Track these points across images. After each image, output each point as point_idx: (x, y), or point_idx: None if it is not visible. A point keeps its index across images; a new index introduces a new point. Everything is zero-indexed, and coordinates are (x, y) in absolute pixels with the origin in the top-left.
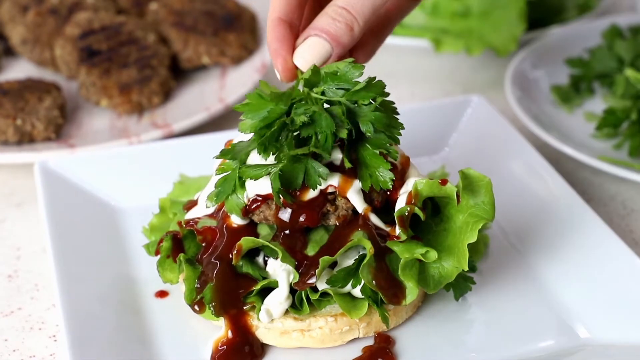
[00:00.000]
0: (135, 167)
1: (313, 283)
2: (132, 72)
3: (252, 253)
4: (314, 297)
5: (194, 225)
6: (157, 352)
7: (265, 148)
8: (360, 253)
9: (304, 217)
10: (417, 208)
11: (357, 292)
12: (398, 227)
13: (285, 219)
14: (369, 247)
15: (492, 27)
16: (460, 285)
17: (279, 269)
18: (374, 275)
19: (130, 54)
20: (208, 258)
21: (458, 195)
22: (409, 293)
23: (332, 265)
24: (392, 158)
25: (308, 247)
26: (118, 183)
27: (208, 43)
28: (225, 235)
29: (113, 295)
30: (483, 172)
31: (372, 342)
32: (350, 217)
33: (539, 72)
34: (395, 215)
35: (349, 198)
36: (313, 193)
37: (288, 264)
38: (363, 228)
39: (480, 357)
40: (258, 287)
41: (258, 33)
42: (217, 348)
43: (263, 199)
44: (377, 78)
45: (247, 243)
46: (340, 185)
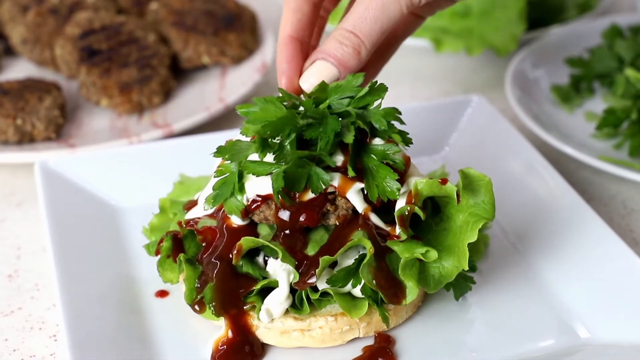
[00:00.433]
0: (136, 167)
1: (313, 283)
2: (132, 71)
3: (252, 253)
4: (314, 296)
5: (194, 225)
6: (157, 351)
7: (266, 145)
8: (361, 253)
9: (304, 216)
10: (417, 208)
11: (357, 291)
12: (398, 226)
13: (285, 219)
14: (369, 246)
15: (492, 26)
16: (461, 285)
17: (279, 269)
18: (374, 275)
19: (131, 54)
20: (208, 258)
21: (458, 195)
22: (409, 293)
23: (332, 265)
24: (398, 167)
25: (308, 246)
26: (118, 183)
27: (208, 43)
28: (226, 235)
29: (113, 295)
30: (483, 171)
31: (372, 341)
32: (350, 216)
33: (539, 71)
34: (396, 215)
35: (349, 198)
36: (313, 193)
37: (288, 264)
38: (363, 228)
39: (481, 356)
40: (258, 286)
41: (258, 33)
42: (217, 348)
43: (263, 199)
44: (378, 81)
45: (247, 243)
46: (341, 186)
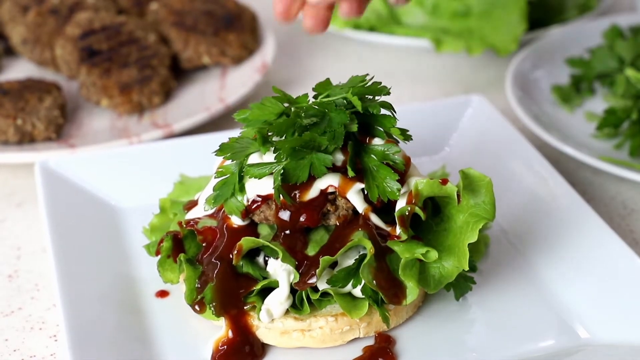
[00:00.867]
0: (136, 167)
1: (313, 283)
2: (132, 72)
3: (252, 253)
4: (315, 297)
5: (195, 226)
6: (157, 352)
7: (267, 141)
8: (361, 253)
9: (305, 217)
10: (417, 208)
11: (357, 292)
12: (398, 226)
13: (286, 219)
14: (370, 247)
15: (492, 27)
16: (461, 285)
17: (280, 269)
18: (375, 275)
19: (131, 54)
20: (208, 258)
21: (458, 195)
22: (410, 293)
23: (332, 265)
24: (398, 168)
25: (308, 247)
26: (118, 183)
27: (208, 43)
28: (226, 236)
29: (113, 295)
30: (483, 172)
31: (372, 341)
32: (351, 217)
33: (540, 72)
34: (396, 215)
35: (349, 198)
36: (313, 193)
37: (288, 264)
38: (363, 228)
39: (481, 356)
40: (258, 287)
41: (258, 33)
42: (217, 348)
43: (263, 199)
44: (376, 79)
45: (247, 243)
46: (341, 186)
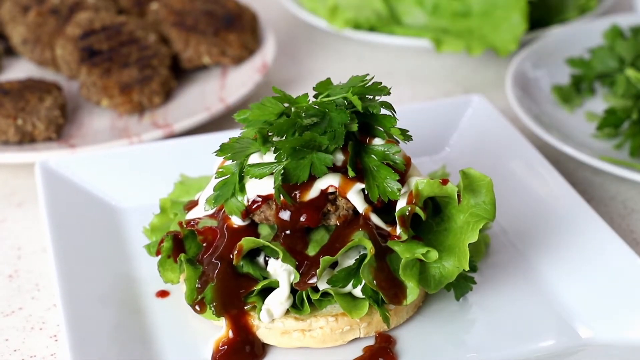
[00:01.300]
0: (136, 167)
1: (314, 283)
2: (132, 72)
3: (252, 253)
4: (315, 297)
5: (195, 226)
6: (157, 352)
7: (267, 141)
8: (361, 253)
9: (305, 217)
10: (418, 208)
11: (357, 292)
12: (399, 226)
13: (286, 219)
14: (370, 247)
15: (493, 27)
16: (461, 285)
17: (280, 269)
18: (375, 275)
19: (131, 54)
20: (209, 258)
21: (459, 195)
22: (410, 293)
23: (332, 265)
24: (399, 168)
25: (309, 247)
26: (119, 183)
27: (209, 43)
28: (226, 236)
29: (114, 295)
30: (484, 172)
31: (373, 341)
32: (351, 217)
33: (540, 72)
34: (396, 215)
35: (350, 198)
36: (314, 193)
37: (289, 264)
38: (364, 228)
39: (481, 356)
40: (259, 287)
41: (259, 33)
42: (217, 348)
43: (264, 200)
44: (376, 79)
45: (247, 243)
46: (341, 186)
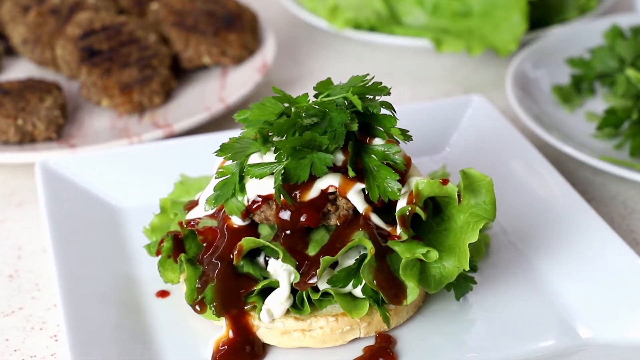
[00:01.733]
0: (136, 167)
1: (314, 283)
2: (133, 72)
3: (253, 253)
4: (315, 297)
5: (195, 226)
6: (157, 352)
7: (267, 141)
8: (361, 253)
9: (305, 217)
10: (418, 208)
11: (358, 292)
12: (399, 226)
13: (286, 219)
14: (370, 247)
15: (493, 27)
16: (461, 285)
17: (280, 269)
18: (375, 275)
19: (131, 54)
20: (209, 258)
21: (459, 195)
22: (410, 293)
23: (333, 265)
24: (399, 168)
25: (309, 247)
26: (119, 183)
27: (209, 43)
28: (226, 236)
29: (114, 295)
30: (484, 172)
31: (373, 341)
32: (351, 217)
33: (540, 72)
34: (397, 215)
35: (350, 198)
36: (314, 193)
37: (289, 264)
38: (364, 228)
39: (481, 356)
40: (259, 287)
41: (259, 33)
42: (218, 348)
43: (264, 200)
44: (376, 79)
45: (248, 243)
46: (341, 186)
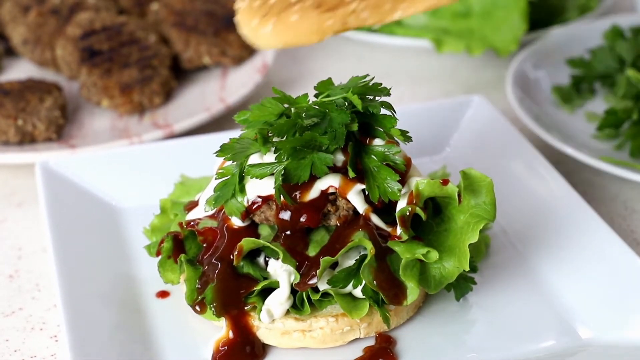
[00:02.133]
0: (136, 167)
1: (314, 284)
2: (133, 72)
3: (253, 253)
4: (315, 297)
5: (195, 226)
6: (158, 352)
7: (267, 141)
8: (361, 253)
9: (305, 217)
10: (418, 208)
11: (358, 292)
12: (399, 227)
13: (286, 219)
14: (370, 247)
15: (493, 27)
16: (461, 286)
17: (280, 269)
18: (375, 276)
19: (132, 54)
20: (209, 259)
21: (459, 196)
22: (410, 293)
23: (333, 266)
24: (399, 168)
25: (309, 247)
26: (119, 183)
27: (209, 43)
28: (226, 236)
29: (114, 295)
30: (484, 172)
31: (373, 342)
32: (351, 217)
33: (540, 72)
34: (397, 216)
35: (350, 199)
36: (314, 193)
37: (289, 265)
38: (364, 228)
39: (481, 357)
40: (259, 287)
41: None
42: (218, 348)
43: (264, 200)
44: (376, 79)
45: (248, 244)
46: (341, 186)
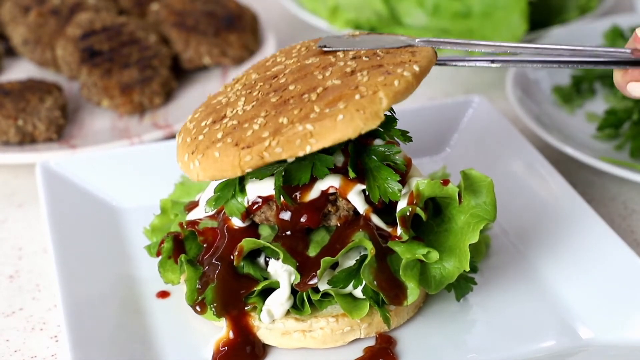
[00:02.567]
0: (137, 167)
1: (314, 284)
2: (133, 72)
3: (253, 253)
4: (315, 297)
5: (195, 227)
6: (158, 352)
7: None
8: (362, 254)
9: (305, 217)
10: (418, 208)
11: (358, 292)
12: (399, 227)
13: (287, 220)
14: (370, 247)
15: (493, 27)
16: (462, 286)
17: (281, 270)
18: (375, 276)
19: (132, 55)
20: (209, 259)
21: (460, 196)
22: (410, 294)
23: (333, 266)
24: (399, 168)
25: (309, 248)
26: (119, 183)
27: (209, 43)
28: (227, 236)
29: (114, 296)
30: (484, 172)
31: (373, 342)
32: (352, 217)
33: (540, 72)
34: (397, 216)
35: (350, 199)
36: (314, 194)
37: (289, 265)
38: (364, 228)
39: (482, 357)
40: (259, 287)
41: (259, 34)
42: (218, 349)
43: (264, 200)
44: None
45: (248, 244)
46: (342, 187)
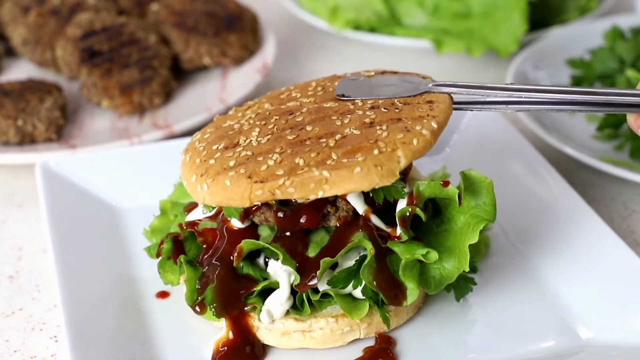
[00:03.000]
0: (136, 168)
1: (314, 284)
2: (133, 72)
3: (252, 254)
4: (315, 297)
5: (195, 227)
6: (158, 352)
7: None
8: (361, 254)
9: (305, 218)
10: (418, 209)
11: (358, 292)
12: (399, 227)
13: (286, 220)
14: (370, 247)
15: (493, 27)
16: (461, 286)
17: (280, 270)
18: (375, 276)
19: (132, 55)
20: (209, 259)
21: (459, 196)
22: (410, 294)
23: (333, 266)
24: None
25: (309, 248)
26: (119, 184)
27: (209, 44)
28: (226, 237)
29: (114, 296)
30: (484, 173)
31: (373, 342)
32: (351, 218)
33: (540, 72)
34: (397, 216)
35: (350, 200)
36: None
37: (289, 266)
38: (364, 229)
39: (481, 357)
40: (259, 288)
41: (259, 34)
42: (218, 349)
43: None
44: None
45: (247, 245)
46: None
